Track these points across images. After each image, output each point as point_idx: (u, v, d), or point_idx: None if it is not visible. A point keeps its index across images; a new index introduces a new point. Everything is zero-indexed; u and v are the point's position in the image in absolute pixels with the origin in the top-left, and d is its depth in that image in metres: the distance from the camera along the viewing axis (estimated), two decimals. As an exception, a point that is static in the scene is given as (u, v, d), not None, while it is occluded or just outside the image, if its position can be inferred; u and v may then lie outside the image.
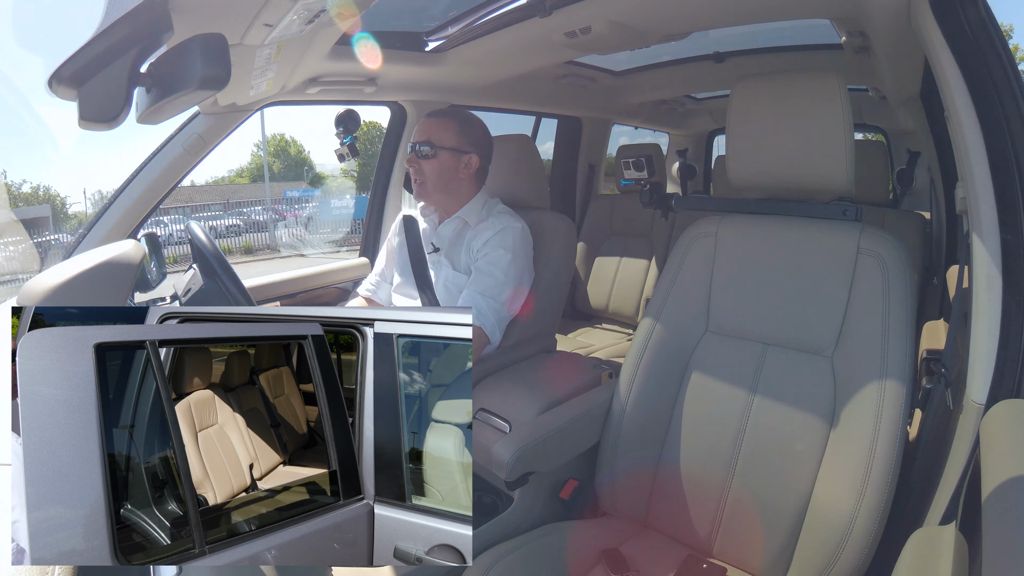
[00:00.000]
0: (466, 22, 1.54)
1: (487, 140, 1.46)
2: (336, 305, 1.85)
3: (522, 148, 1.57)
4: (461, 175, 1.42)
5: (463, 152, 1.40)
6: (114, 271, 0.88)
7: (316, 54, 1.27)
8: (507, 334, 1.43)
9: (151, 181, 1.39)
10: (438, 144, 1.37)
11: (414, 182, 1.43)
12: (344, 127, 1.69)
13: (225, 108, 1.41)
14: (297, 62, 1.28)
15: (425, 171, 1.39)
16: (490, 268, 1.35)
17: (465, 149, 1.40)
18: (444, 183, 1.40)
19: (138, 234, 1.39)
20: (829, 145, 0.94)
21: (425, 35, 1.62)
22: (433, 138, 1.38)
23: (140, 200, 1.38)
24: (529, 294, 1.45)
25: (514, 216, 1.43)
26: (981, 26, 0.82)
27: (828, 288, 0.96)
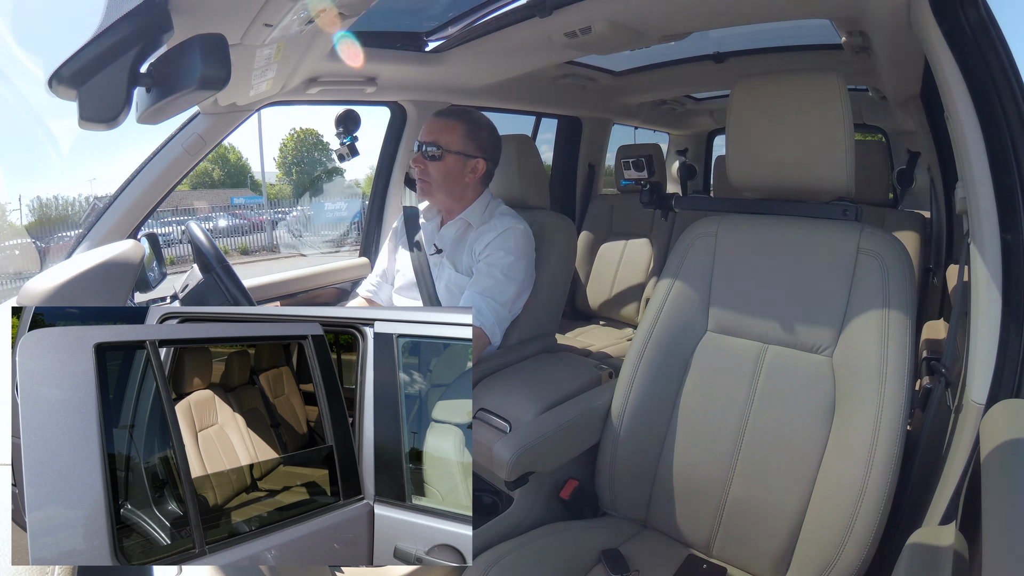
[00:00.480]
0: (466, 22, 1.54)
1: (495, 144, 1.45)
2: (336, 305, 1.85)
3: (522, 148, 1.57)
4: (467, 179, 1.41)
5: (470, 156, 1.39)
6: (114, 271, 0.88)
7: (316, 54, 1.27)
8: (507, 334, 1.43)
9: (151, 181, 1.39)
10: (446, 147, 1.36)
11: (419, 182, 1.41)
12: (344, 127, 1.69)
13: (225, 108, 1.41)
14: (297, 62, 1.28)
15: (431, 172, 1.38)
16: (491, 269, 1.35)
17: (473, 153, 1.39)
18: (449, 186, 1.40)
19: (138, 234, 1.39)
20: (829, 145, 0.94)
21: (425, 35, 1.62)
22: (441, 140, 1.36)
23: (140, 200, 1.38)
24: (530, 295, 1.45)
25: (516, 218, 1.43)
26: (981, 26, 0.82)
27: (828, 288, 0.97)
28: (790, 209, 1.05)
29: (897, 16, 1.06)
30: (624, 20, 1.35)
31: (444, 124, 1.38)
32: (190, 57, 0.68)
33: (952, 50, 0.83)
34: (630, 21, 1.37)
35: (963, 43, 0.82)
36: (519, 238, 1.38)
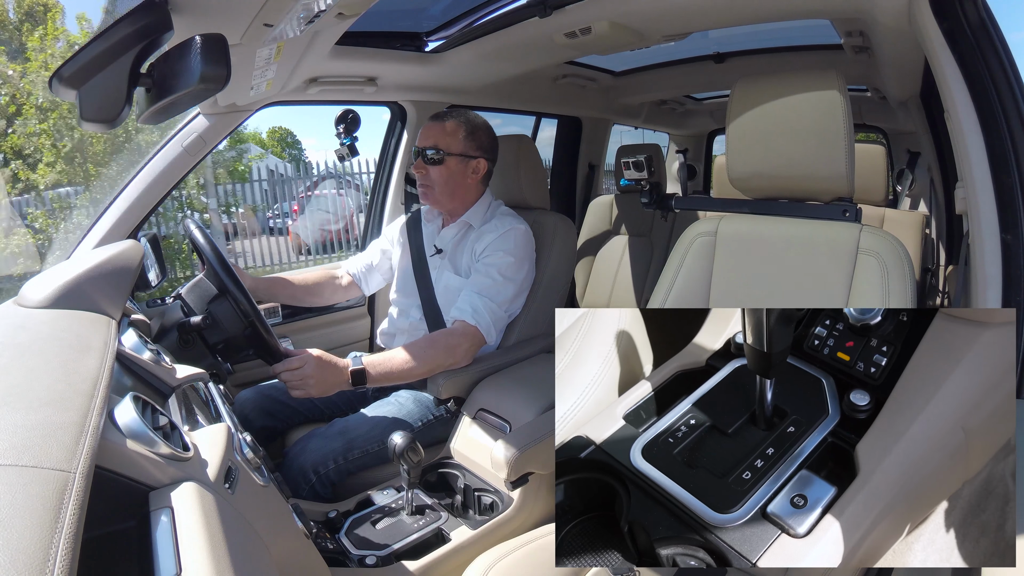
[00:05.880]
0: (466, 22, 1.54)
1: (493, 143, 1.45)
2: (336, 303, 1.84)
3: (522, 148, 1.57)
4: (469, 180, 1.41)
5: (471, 157, 1.39)
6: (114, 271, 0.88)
7: (316, 54, 1.27)
8: (507, 334, 1.44)
9: (151, 181, 1.39)
10: (446, 150, 1.36)
11: (421, 187, 1.42)
12: (344, 127, 1.69)
13: (225, 108, 1.41)
14: (297, 62, 1.28)
15: (432, 177, 1.38)
16: (489, 270, 1.35)
17: (473, 154, 1.40)
18: (451, 188, 1.40)
19: (138, 234, 1.39)
20: (829, 145, 0.94)
21: (425, 35, 1.62)
22: (440, 143, 1.37)
23: (140, 200, 1.38)
24: (529, 295, 1.45)
25: (516, 218, 1.43)
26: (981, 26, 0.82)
27: (828, 288, 0.96)
28: (790, 209, 1.05)
29: (897, 16, 1.06)
30: (624, 20, 1.35)
31: (442, 127, 1.38)
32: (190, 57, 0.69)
33: (952, 50, 0.83)
34: (630, 21, 1.37)
35: (963, 43, 0.83)
36: (519, 239, 1.38)
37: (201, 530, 0.46)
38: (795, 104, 0.96)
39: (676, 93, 2.86)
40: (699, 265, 1.10)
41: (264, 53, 1.08)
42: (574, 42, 1.44)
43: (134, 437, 0.52)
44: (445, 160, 1.36)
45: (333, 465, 1.20)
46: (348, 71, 1.55)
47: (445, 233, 1.48)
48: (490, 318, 1.33)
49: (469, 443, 1.25)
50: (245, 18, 0.88)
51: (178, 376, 0.80)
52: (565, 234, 1.52)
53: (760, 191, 1.07)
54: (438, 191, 1.39)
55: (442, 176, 1.38)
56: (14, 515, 0.35)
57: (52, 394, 0.50)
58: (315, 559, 0.81)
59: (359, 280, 1.64)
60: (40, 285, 0.79)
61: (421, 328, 1.44)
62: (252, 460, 0.72)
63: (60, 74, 0.70)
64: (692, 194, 3.03)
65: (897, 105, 2.13)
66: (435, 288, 1.44)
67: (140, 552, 0.46)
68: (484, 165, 1.42)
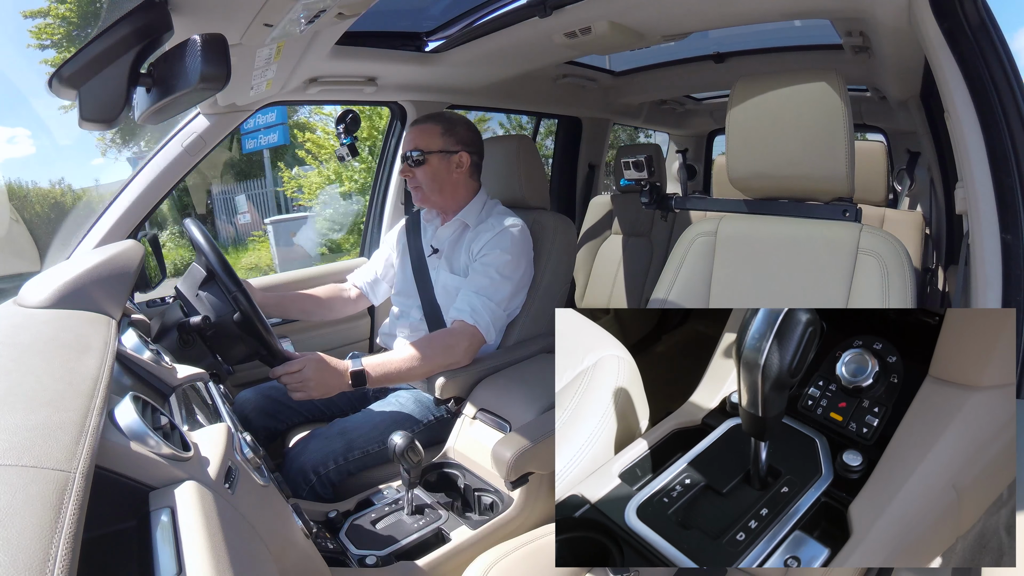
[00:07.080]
0: (466, 22, 1.54)
1: (474, 136, 1.47)
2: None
3: (522, 148, 1.57)
4: (455, 175, 1.42)
5: (452, 152, 1.41)
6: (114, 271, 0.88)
7: (316, 54, 1.27)
8: (507, 334, 1.43)
9: (151, 181, 1.39)
10: (426, 149, 1.39)
11: (411, 191, 1.44)
12: (344, 127, 1.69)
13: (225, 108, 1.41)
14: (297, 62, 1.28)
15: (419, 178, 1.40)
16: (486, 269, 1.35)
17: (453, 148, 1.41)
18: (439, 185, 1.41)
19: (138, 234, 1.39)
20: (829, 145, 0.94)
21: (425, 35, 1.62)
22: (420, 144, 1.39)
23: (140, 200, 1.38)
24: (528, 294, 1.45)
25: (512, 216, 1.43)
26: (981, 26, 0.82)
27: (828, 288, 0.96)
28: (790, 209, 1.05)
29: (897, 16, 1.06)
30: (624, 20, 1.35)
31: (420, 129, 1.41)
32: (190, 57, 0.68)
33: (952, 50, 0.83)
34: (630, 21, 1.37)
35: (963, 43, 0.83)
36: (516, 237, 1.38)
37: (201, 530, 0.46)
38: (795, 104, 0.96)
39: (676, 93, 2.86)
40: (699, 265, 1.10)
41: (264, 53, 1.08)
42: (574, 42, 1.44)
43: (134, 437, 0.52)
44: (427, 159, 1.39)
45: (333, 465, 1.20)
46: (348, 71, 1.55)
47: (441, 233, 1.48)
48: (489, 317, 1.33)
49: (469, 443, 1.25)
50: (245, 18, 0.88)
51: (178, 376, 0.80)
52: (565, 234, 1.52)
53: (760, 191, 1.07)
54: (426, 190, 1.41)
55: (427, 175, 1.40)
56: (14, 515, 0.35)
57: (52, 394, 0.50)
58: (315, 559, 0.80)
59: (367, 292, 1.65)
60: (40, 285, 0.79)
61: (422, 328, 1.44)
62: (252, 460, 0.72)
63: (60, 74, 0.70)
64: (692, 194, 3.03)
65: (897, 105, 2.13)
66: (433, 288, 1.45)
67: (140, 552, 0.46)
68: (467, 158, 1.43)
